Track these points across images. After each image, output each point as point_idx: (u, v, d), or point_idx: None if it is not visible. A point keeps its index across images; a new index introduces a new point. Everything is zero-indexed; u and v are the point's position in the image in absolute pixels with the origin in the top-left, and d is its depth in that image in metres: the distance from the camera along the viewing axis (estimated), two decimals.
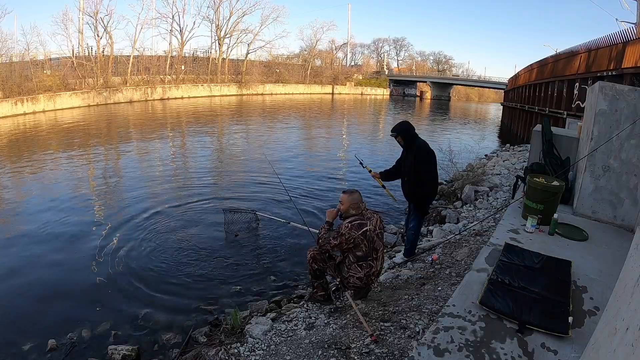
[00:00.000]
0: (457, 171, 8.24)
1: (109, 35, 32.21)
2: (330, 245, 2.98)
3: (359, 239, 2.93)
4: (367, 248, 2.98)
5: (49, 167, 10.05)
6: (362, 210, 3.05)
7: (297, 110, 30.48)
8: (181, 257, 4.99)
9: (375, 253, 3.04)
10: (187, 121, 21.47)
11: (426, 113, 36.25)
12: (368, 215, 3.06)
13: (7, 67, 23.83)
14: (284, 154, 12.33)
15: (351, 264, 3.03)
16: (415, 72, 65.28)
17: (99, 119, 21.56)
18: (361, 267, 3.01)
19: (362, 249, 2.96)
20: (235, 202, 7.21)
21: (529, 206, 3.55)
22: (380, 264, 3.13)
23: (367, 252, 2.98)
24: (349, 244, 2.94)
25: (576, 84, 13.20)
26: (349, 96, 51.97)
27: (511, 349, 1.96)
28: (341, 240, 2.93)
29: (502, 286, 2.42)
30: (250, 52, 45.71)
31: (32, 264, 4.82)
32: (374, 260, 3.04)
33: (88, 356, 3.23)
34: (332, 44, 58.45)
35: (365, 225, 2.97)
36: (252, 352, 2.76)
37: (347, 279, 3.06)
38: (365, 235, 2.94)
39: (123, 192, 7.90)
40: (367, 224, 2.99)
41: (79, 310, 3.88)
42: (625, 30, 11.04)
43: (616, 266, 2.36)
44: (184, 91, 35.98)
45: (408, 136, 3.94)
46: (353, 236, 2.92)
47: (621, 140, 3.56)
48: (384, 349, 2.43)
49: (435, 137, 16.72)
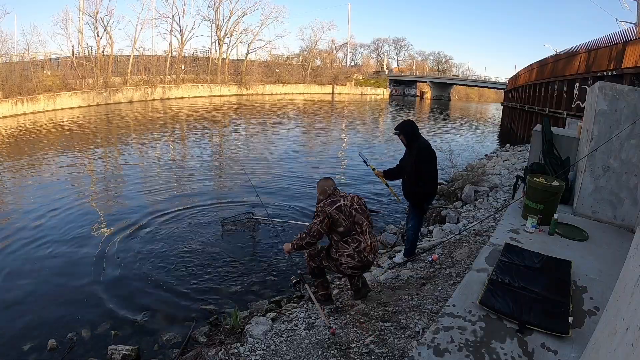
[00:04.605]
0: (457, 171, 8.24)
1: (109, 35, 32.23)
2: (312, 229, 2.97)
3: (334, 213, 2.96)
4: (347, 222, 2.99)
5: (49, 167, 10.05)
6: (332, 193, 3.13)
7: (297, 110, 30.48)
8: (181, 257, 4.99)
9: (359, 227, 3.03)
10: (187, 121, 21.47)
11: (426, 113, 36.25)
12: (341, 194, 3.13)
13: (7, 67, 23.83)
14: (284, 154, 12.33)
15: (337, 243, 3.03)
16: (415, 72, 65.24)
17: (99, 119, 21.57)
18: (347, 243, 2.99)
19: (342, 224, 2.97)
20: (235, 201, 7.22)
21: (529, 206, 3.55)
22: (370, 239, 3.07)
23: (348, 226, 2.99)
24: (328, 221, 2.96)
25: (576, 84, 13.20)
26: (349, 96, 51.96)
27: (511, 349, 1.96)
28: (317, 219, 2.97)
29: (502, 286, 2.42)
30: (250, 52, 45.78)
31: (32, 264, 4.82)
32: (360, 234, 3.02)
33: (88, 356, 3.23)
34: (332, 44, 58.54)
35: (338, 202, 3.03)
36: (252, 352, 2.76)
37: (339, 261, 3.02)
38: (340, 209, 2.98)
39: (123, 193, 7.90)
40: (340, 200, 3.05)
41: (79, 310, 3.88)
42: (625, 30, 11.04)
43: (616, 266, 2.36)
44: (184, 91, 35.98)
45: (410, 135, 3.94)
46: (327, 211, 2.96)
47: (621, 140, 3.56)
48: (384, 349, 2.43)
49: (435, 137, 16.71)
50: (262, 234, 5.76)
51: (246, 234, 5.72)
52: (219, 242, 5.47)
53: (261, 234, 5.74)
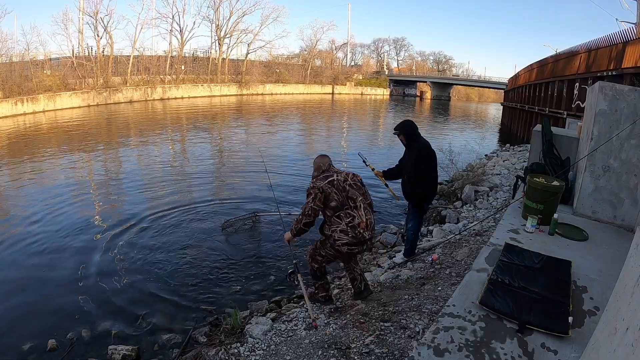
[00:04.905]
0: (457, 171, 8.24)
1: (109, 35, 32.25)
2: (306, 208, 2.93)
3: (326, 187, 2.92)
4: (340, 197, 2.93)
5: (48, 167, 10.05)
6: (326, 169, 3.10)
7: (298, 110, 30.47)
8: (181, 257, 4.99)
9: (353, 202, 2.95)
10: (187, 121, 21.46)
11: (426, 113, 36.24)
12: (336, 171, 3.10)
13: (7, 67, 23.86)
14: (284, 154, 12.33)
15: (330, 219, 2.96)
16: (415, 72, 65.23)
17: (99, 119, 21.57)
18: (340, 218, 2.92)
19: (335, 198, 2.92)
20: (235, 202, 7.22)
21: (529, 206, 3.55)
22: (365, 215, 2.97)
23: (341, 201, 2.93)
24: (321, 196, 2.91)
25: (576, 84, 13.21)
26: (349, 96, 51.95)
27: (511, 349, 1.96)
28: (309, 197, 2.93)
29: (502, 286, 2.42)
30: (250, 52, 45.80)
31: (32, 264, 4.82)
32: (353, 209, 2.94)
33: (88, 356, 3.23)
34: (332, 44, 58.53)
35: (331, 176, 2.99)
36: (252, 352, 2.76)
37: (332, 237, 2.96)
38: (332, 184, 2.94)
39: (123, 193, 7.90)
40: (333, 175, 3.01)
41: (79, 310, 3.88)
42: (625, 30, 11.05)
43: (616, 266, 2.36)
44: (184, 91, 35.99)
45: (410, 135, 3.94)
46: (319, 186, 2.93)
47: (621, 140, 3.56)
48: (384, 349, 2.43)
49: (435, 137, 16.70)
50: (262, 233, 5.75)
51: (246, 234, 5.72)
52: (219, 242, 5.47)
53: (261, 234, 5.74)
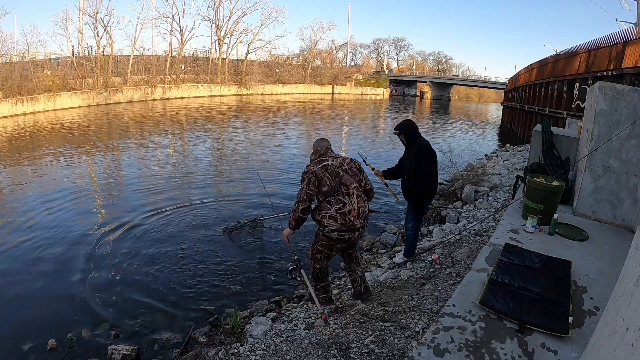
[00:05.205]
0: (457, 171, 8.23)
1: (109, 35, 32.23)
2: (301, 194, 2.90)
3: (319, 171, 2.90)
4: (333, 182, 2.89)
5: (48, 167, 10.05)
6: (323, 153, 3.06)
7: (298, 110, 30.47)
8: (181, 257, 4.99)
9: (346, 188, 2.91)
10: (187, 121, 21.46)
11: (426, 113, 36.24)
12: (333, 155, 3.06)
13: (7, 67, 23.87)
14: (284, 154, 12.33)
15: (321, 204, 2.93)
16: (415, 72, 65.21)
17: (99, 119, 21.55)
18: (330, 204, 2.88)
19: (327, 183, 2.88)
20: (235, 202, 7.22)
21: (529, 206, 3.55)
22: (358, 203, 2.92)
23: (333, 186, 2.89)
24: (314, 180, 2.88)
25: (576, 84, 13.21)
26: (349, 96, 51.93)
27: (511, 349, 1.96)
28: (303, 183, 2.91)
29: (502, 286, 2.42)
30: (250, 52, 45.74)
31: (31, 264, 4.82)
32: (345, 195, 2.89)
33: (88, 356, 3.23)
34: (332, 44, 58.50)
35: (325, 161, 2.97)
36: (252, 352, 2.76)
37: (322, 223, 2.92)
38: (325, 168, 2.92)
39: (123, 193, 7.90)
40: (329, 159, 2.98)
41: (79, 310, 3.88)
42: (625, 30, 11.06)
43: (616, 266, 2.36)
44: (184, 91, 35.97)
45: (410, 135, 3.94)
46: (312, 170, 2.91)
47: (621, 140, 3.56)
48: (384, 349, 2.43)
49: (435, 137, 16.70)
50: (262, 234, 5.75)
51: (247, 234, 5.72)
52: (220, 242, 5.47)
53: (262, 234, 5.73)
